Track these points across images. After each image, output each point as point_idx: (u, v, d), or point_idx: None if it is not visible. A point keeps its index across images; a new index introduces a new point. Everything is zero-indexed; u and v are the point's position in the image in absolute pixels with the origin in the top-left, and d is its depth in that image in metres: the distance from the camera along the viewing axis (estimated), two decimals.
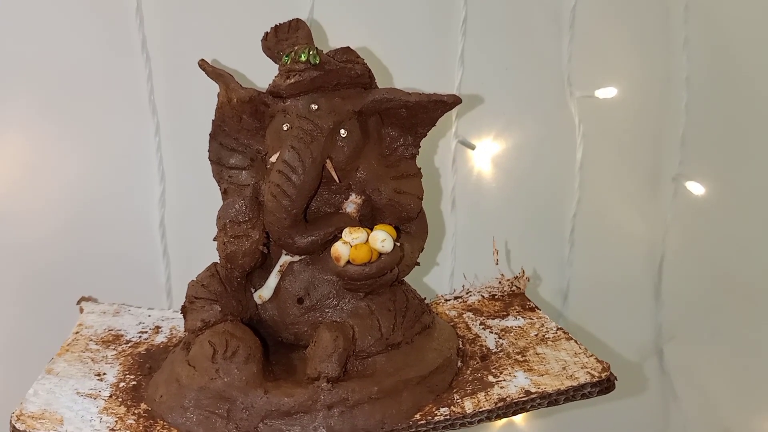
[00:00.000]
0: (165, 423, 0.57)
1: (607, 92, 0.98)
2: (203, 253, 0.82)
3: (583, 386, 0.57)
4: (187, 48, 0.84)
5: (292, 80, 0.59)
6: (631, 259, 1.06)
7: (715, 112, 0.98)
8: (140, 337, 0.72)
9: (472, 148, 0.95)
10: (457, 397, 0.59)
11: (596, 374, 0.58)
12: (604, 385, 0.58)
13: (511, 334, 0.68)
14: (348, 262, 0.58)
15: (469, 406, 0.57)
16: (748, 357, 0.94)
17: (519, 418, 0.99)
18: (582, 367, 0.60)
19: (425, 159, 0.66)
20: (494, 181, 0.98)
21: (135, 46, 0.83)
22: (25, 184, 0.82)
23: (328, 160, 0.60)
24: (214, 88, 0.65)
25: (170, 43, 0.84)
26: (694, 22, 0.98)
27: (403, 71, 0.89)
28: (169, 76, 0.85)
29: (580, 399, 0.57)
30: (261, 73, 0.77)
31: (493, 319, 0.73)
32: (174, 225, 0.87)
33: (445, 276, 0.97)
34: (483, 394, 0.59)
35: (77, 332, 0.71)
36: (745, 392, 0.95)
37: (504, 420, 0.63)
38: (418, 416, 0.57)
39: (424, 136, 0.64)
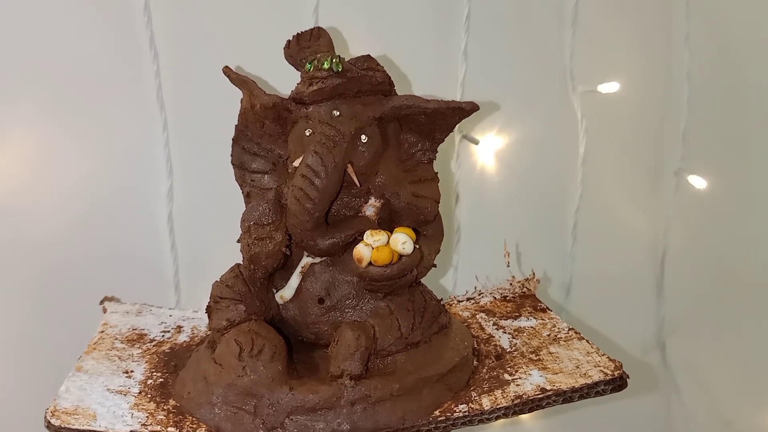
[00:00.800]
0: (194, 418, 0.60)
1: (609, 87, 0.99)
2: (210, 248, 0.85)
3: (596, 384, 0.61)
4: (194, 45, 0.85)
5: (315, 87, 0.61)
6: (634, 253, 1.08)
7: (716, 106, 0.99)
8: (163, 336, 0.74)
9: (476, 143, 0.96)
10: (475, 395, 0.62)
11: (609, 372, 0.61)
12: (617, 383, 0.61)
13: (524, 334, 0.71)
14: (370, 263, 0.61)
15: (486, 403, 0.60)
16: (749, 351, 0.96)
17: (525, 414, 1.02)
18: (595, 366, 0.63)
19: None
20: (497, 175, 0.99)
21: (143, 44, 0.84)
22: (34, 181, 0.84)
23: (349, 165, 0.62)
24: (220, 85, 0.66)
25: (177, 40, 0.85)
26: (695, 17, 0.99)
27: (407, 68, 0.90)
28: (176, 73, 0.86)
29: (593, 396, 0.61)
30: (266, 71, 0.80)
31: (506, 319, 0.75)
32: (181, 220, 0.89)
33: (450, 269, 0.99)
34: (500, 391, 0.62)
35: (102, 331, 0.73)
36: (747, 386, 0.97)
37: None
38: (437, 413, 0.60)
39: (442, 142, 0.67)
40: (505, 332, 0.73)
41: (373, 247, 0.61)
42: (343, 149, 0.61)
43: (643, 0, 1.01)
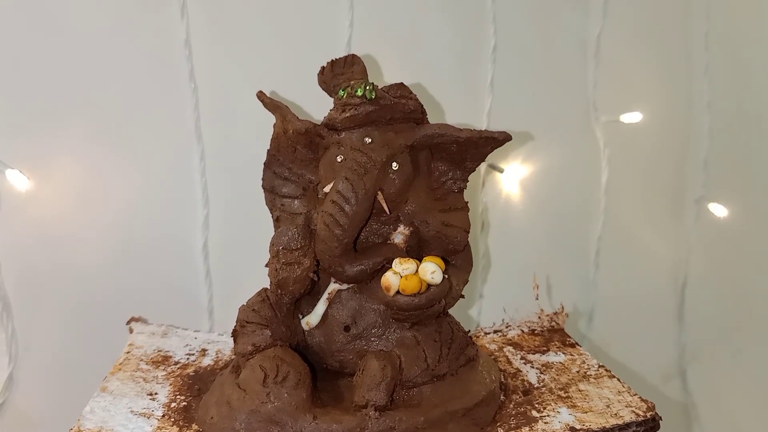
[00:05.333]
0: None
1: (632, 117, 0.96)
2: (244, 275, 0.81)
3: (628, 425, 0.55)
4: (232, 78, 0.83)
5: (348, 114, 0.57)
6: (655, 281, 1.03)
7: (737, 136, 0.95)
8: (188, 359, 0.70)
9: (501, 171, 0.93)
10: (501, 431, 0.56)
11: (641, 413, 0.56)
12: (650, 425, 0.55)
13: (553, 370, 0.66)
14: (397, 292, 0.56)
15: None
16: None
17: None
18: (626, 406, 0.57)
19: None
20: (522, 203, 0.95)
21: (183, 76, 0.81)
22: (77, 210, 0.81)
23: (379, 192, 0.57)
24: (257, 116, 0.64)
25: (215, 73, 0.82)
26: (714, 49, 0.96)
27: (435, 97, 0.87)
28: (214, 104, 0.83)
29: None
30: (300, 97, 0.77)
31: (534, 353, 0.70)
32: (216, 248, 0.86)
33: (475, 297, 0.94)
34: (527, 428, 0.56)
35: (128, 351, 0.70)
36: None
37: None
38: None
39: (473, 171, 0.62)
40: (533, 367, 0.67)
41: (402, 275, 0.56)
42: (374, 176, 0.56)
43: (664, 32, 0.98)
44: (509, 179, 0.94)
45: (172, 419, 0.58)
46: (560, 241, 0.98)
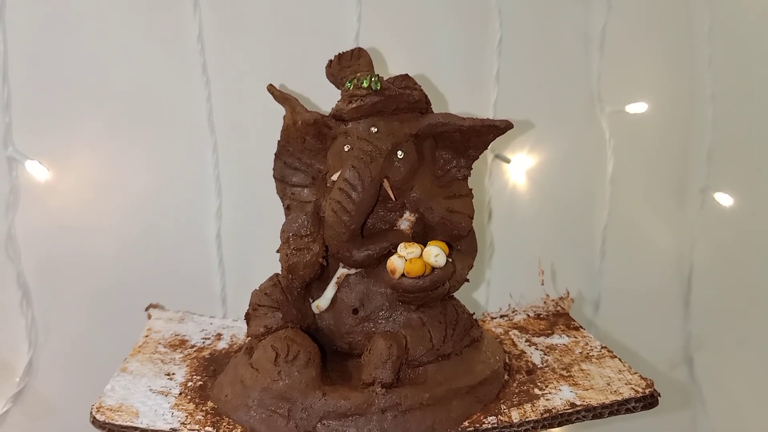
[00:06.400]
0: (230, 420, 0.58)
1: (637, 107, 0.97)
2: (256, 264, 0.83)
3: (627, 401, 0.57)
4: (244, 72, 0.85)
5: (355, 105, 0.59)
6: (661, 270, 1.04)
7: (740, 126, 0.96)
8: (204, 342, 0.73)
9: (508, 161, 0.94)
10: (504, 408, 0.59)
11: (640, 390, 0.58)
12: (648, 401, 0.57)
13: (556, 351, 0.68)
14: (403, 275, 0.58)
15: (515, 416, 0.57)
16: None
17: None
18: (626, 383, 0.59)
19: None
20: (528, 193, 0.97)
21: (196, 70, 0.84)
22: (95, 199, 0.84)
23: (385, 180, 0.60)
24: (268, 108, 0.66)
25: (228, 68, 0.85)
26: (717, 41, 0.97)
27: (442, 89, 0.89)
28: (227, 97, 0.85)
29: (624, 413, 0.57)
30: (309, 90, 0.80)
31: (539, 336, 0.72)
32: (229, 237, 0.88)
33: (482, 285, 0.96)
34: (529, 405, 0.58)
35: (147, 335, 0.72)
36: None
37: None
38: (466, 423, 0.57)
39: (476, 159, 0.64)
40: (537, 349, 0.69)
41: (407, 259, 0.58)
42: (380, 164, 0.59)
43: (667, 25, 0.99)
44: (515, 169, 0.95)
45: (189, 397, 0.61)
46: (566, 230, 1.00)
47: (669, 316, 1.05)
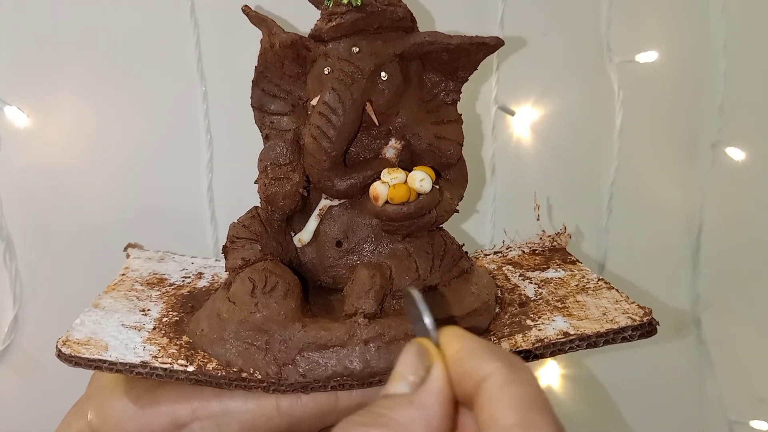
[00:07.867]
0: (206, 353, 0.55)
1: (647, 56, 0.93)
2: None
3: (623, 329, 0.53)
4: (234, 14, 0.81)
5: (334, 23, 0.56)
6: (670, 227, 1.01)
7: (753, 78, 0.94)
8: (183, 281, 0.70)
9: (512, 114, 0.91)
10: (494, 338, 0.56)
11: (637, 319, 0.54)
12: (646, 329, 0.54)
13: (551, 284, 0.64)
14: (386, 201, 0.55)
15: (506, 346, 0.54)
16: None
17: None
18: (623, 313, 0.56)
19: (466, 122, 0.63)
20: (533, 147, 0.94)
21: (184, 13, 0.81)
22: (79, 147, 0.81)
23: (368, 103, 0.57)
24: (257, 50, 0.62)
25: (217, 9, 0.82)
26: None
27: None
28: (217, 43, 0.83)
29: (620, 342, 0.53)
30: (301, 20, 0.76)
31: (533, 271, 0.69)
32: (221, 190, 0.86)
33: (486, 233, 0.93)
34: (521, 335, 0.55)
35: (123, 274, 0.70)
36: None
37: None
38: None
39: (465, 81, 0.61)
40: (532, 282, 0.66)
41: (390, 184, 0.55)
42: (362, 86, 0.56)
43: None
44: (520, 123, 0.92)
45: (163, 332, 0.59)
46: (572, 186, 0.96)
47: (677, 276, 1.02)
